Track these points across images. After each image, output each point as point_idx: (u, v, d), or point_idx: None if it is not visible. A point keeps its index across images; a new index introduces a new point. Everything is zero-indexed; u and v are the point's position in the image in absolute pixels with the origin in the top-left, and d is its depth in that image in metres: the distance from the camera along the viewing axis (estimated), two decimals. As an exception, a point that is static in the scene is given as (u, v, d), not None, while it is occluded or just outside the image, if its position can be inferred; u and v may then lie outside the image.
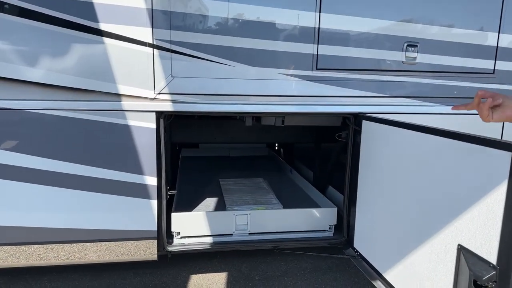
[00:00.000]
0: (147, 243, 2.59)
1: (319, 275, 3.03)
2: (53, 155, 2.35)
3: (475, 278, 1.54)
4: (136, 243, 2.58)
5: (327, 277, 3.04)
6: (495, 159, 1.46)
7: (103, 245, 2.57)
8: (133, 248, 2.60)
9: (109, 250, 2.59)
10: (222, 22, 2.41)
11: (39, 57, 2.22)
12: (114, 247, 2.59)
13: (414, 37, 2.60)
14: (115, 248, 2.58)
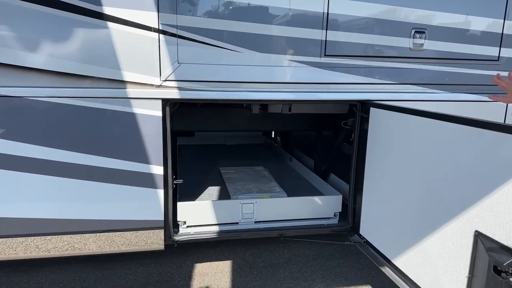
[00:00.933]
0: (150, 233, 2.55)
1: (322, 262, 3.05)
2: (56, 144, 2.27)
3: (495, 264, 1.55)
4: (136, 233, 2.54)
5: (330, 264, 3.06)
6: (517, 146, 1.47)
7: (103, 236, 2.53)
8: (133, 238, 2.56)
9: (108, 241, 2.55)
10: (230, 7, 2.35)
11: (41, 42, 2.13)
12: (114, 237, 2.55)
13: (422, 23, 2.58)
14: (114, 238, 2.54)
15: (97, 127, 2.31)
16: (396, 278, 2.29)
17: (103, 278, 2.84)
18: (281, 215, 2.80)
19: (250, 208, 2.74)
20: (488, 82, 2.78)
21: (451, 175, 1.86)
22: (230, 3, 2.34)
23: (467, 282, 1.73)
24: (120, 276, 2.87)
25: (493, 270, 1.56)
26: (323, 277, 2.88)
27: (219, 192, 3.14)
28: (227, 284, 2.81)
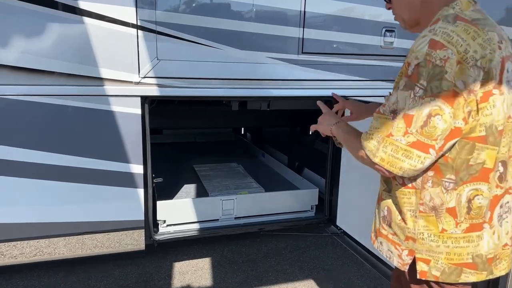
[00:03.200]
0: (131, 233, 2.51)
1: (299, 254, 3.13)
2: (28, 144, 2.17)
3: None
4: (116, 234, 2.49)
5: (307, 256, 3.15)
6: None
7: (73, 239, 2.45)
8: (113, 239, 2.50)
9: (79, 243, 2.47)
10: (209, 3, 2.35)
11: (13, 38, 2.02)
12: (84, 239, 2.47)
13: (392, 22, 2.71)
14: (85, 241, 2.46)
15: (73, 126, 2.23)
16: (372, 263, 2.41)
17: (79, 282, 2.74)
18: (260, 210, 2.84)
19: (231, 204, 2.76)
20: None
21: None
22: (210, 0, 2.34)
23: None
24: (97, 279, 2.79)
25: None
26: (301, 269, 2.96)
27: (196, 190, 3.14)
28: (208, 281, 2.81)
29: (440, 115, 1.08)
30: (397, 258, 1.29)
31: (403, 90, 1.13)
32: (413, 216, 1.23)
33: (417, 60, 1.10)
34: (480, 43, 1.09)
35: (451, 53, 1.06)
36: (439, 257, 1.21)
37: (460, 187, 1.17)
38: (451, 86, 1.07)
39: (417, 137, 1.10)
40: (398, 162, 1.13)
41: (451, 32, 1.09)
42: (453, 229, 1.19)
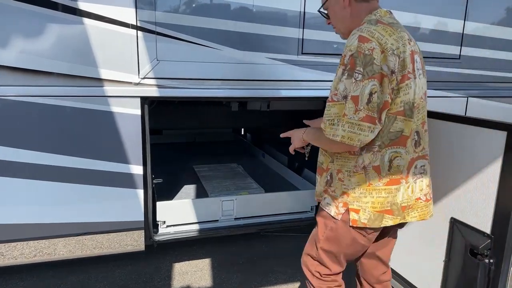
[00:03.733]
0: (130, 234, 2.50)
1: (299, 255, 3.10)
2: (30, 145, 2.16)
3: (471, 247, 1.68)
4: (116, 235, 2.48)
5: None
6: (490, 138, 1.59)
7: (72, 239, 2.44)
8: (105, 241, 2.49)
9: (79, 244, 2.47)
10: (209, 4, 2.34)
11: (12, 38, 2.02)
12: (84, 240, 2.47)
13: (391, 23, 2.71)
14: (84, 241, 2.46)
15: (73, 127, 2.22)
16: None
17: (79, 283, 2.75)
18: (260, 210, 2.83)
19: (230, 205, 2.75)
20: (449, 79, 2.98)
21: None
22: (210, 0, 2.34)
23: (443, 266, 1.86)
24: (97, 279, 2.79)
25: (469, 253, 1.69)
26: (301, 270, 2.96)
27: (196, 191, 3.12)
28: (208, 281, 2.81)
29: (376, 92, 1.38)
30: (334, 209, 1.60)
31: (347, 78, 1.41)
32: (348, 176, 1.54)
33: (351, 52, 1.41)
34: (395, 39, 1.42)
35: (375, 45, 1.38)
36: (366, 207, 1.52)
37: (383, 149, 1.49)
38: (379, 69, 1.38)
39: (365, 113, 1.39)
40: (355, 135, 1.41)
41: (373, 30, 1.42)
42: (377, 183, 1.50)
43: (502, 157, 1.55)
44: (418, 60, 1.53)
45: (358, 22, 1.54)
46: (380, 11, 1.55)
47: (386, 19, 1.51)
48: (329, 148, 1.59)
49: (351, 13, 1.57)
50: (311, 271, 1.80)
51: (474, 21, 2.92)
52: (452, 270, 1.81)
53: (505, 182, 1.55)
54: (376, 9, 1.56)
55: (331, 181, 1.62)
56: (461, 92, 2.99)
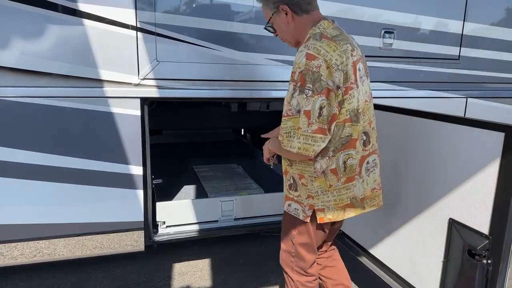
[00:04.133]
0: (130, 234, 2.51)
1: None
2: (30, 146, 2.18)
3: (469, 248, 1.68)
4: (116, 235, 2.49)
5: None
6: (488, 139, 1.60)
7: (73, 240, 2.45)
8: (105, 241, 2.50)
9: (79, 244, 2.48)
10: (208, 5, 2.35)
11: (13, 39, 2.03)
12: (84, 240, 2.48)
13: (391, 24, 2.72)
14: (85, 242, 2.47)
15: (73, 127, 2.23)
16: (373, 267, 2.41)
17: (79, 282, 2.76)
18: (260, 211, 2.84)
19: (230, 205, 2.77)
20: (448, 80, 2.99)
21: (425, 167, 1.98)
22: (210, 1, 2.34)
23: (442, 266, 1.86)
24: (96, 279, 2.80)
25: (467, 254, 1.70)
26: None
27: (196, 191, 3.14)
28: (207, 282, 2.82)
29: (325, 106, 1.53)
30: (302, 213, 1.76)
31: (299, 94, 1.55)
32: (311, 181, 1.69)
33: (300, 69, 1.53)
34: (338, 54, 1.55)
35: (321, 62, 1.51)
36: (330, 205, 1.71)
37: (337, 154, 1.66)
38: (326, 85, 1.52)
39: (317, 125, 1.54)
40: (310, 146, 1.57)
41: (319, 47, 1.53)
42: (336, 183, 1.69)
43: (499, 158, 1.56)
44: (361, 67, 1.67)
45: (303, 33, 1.68)
46: (323, 23, 1.65)
47: (330, 32, 1.62)
48: (288, 157, 1.73)
49: (295, 27, 1.69)
50: (291, 267, 1.95)
51: (474, 21, 2.93)
52: (451, 270, 1.82)
53: (502, 183, 1.55)
54: (319, 19, 1.67)
55: (295, 186, 1.77)
56: (460, 93, 3.00)
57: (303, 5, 1.66)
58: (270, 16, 1.73)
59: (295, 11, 1.66)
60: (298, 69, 1.54)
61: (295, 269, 1.94)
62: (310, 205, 1.73)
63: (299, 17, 1.67)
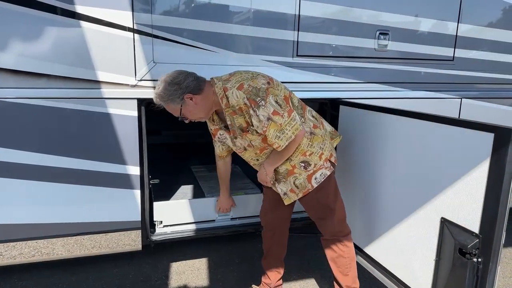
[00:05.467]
0: (128, 234, 2.53)
1: (295, 254, 3.16)
2: (28, 147, 2.20)
3: (460, 247, 1.72)
4: (113, 235, 2.51)
5: (304, 255, 3.18)
6: (478, 140, 1.63)
7: (71, 239, 2.47)
8: (103, 241, 2.52)
9: (77, 244, 2.50)
10: (205, 7, 2.37)
11: (12, 42, 2.05)
12: (82, 240, 2.50)
13: (385, 25, 2.75)
14: (83, 241, 2.49)
15: (70, 128, 2.25)
16: (368, 266, 2.44)
17: (77, 282, 2.78)
18: (256, 211, 2.86)
19: None
20: (443, 81, 3.01)
21: (416, 167, 2.01)
22: (206, 3, 2.37)
23: (434, 265, 1.89)
24: (94, 279, 2.82)
25: (458, 252, 1.73)
26: (298, 269, 3.00)
27: (193, 191, 3.14)
28: (205, 281, 2.85)
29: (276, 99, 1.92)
30: (326, 170, 2.15)
31: (259, 109, 1.88)
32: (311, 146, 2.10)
33: (244, 99, 1.89)
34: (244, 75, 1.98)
35: (247, 83, 1.91)
36: (330, 148, 2.20)
37: (305, 115, 2.12)
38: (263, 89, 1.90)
39: (285, 111, 1.93)
40: (296, 125, 1.95)
41: (234, 80, 1.95)
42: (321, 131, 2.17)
43: (489, 158, 1.59)
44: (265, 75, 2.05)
45: (210, 101, 2.00)
46: (214, 80, 2.00)
47: (222, 77, 2.02)
48: (291, 151, 2.04)
49: (202, 103, 1.98)
50: (339, 232, 2.29)
51: (468, 23, 2.96)
52: (443, 269, 1.85)
53: (492, 182, 1.58)
54: (212, 83, 2.00)
55: (307, 162, 2.11)
56: (455, 94, 3.03)
57: (198, 85, 1.95)
58: (180, 109, 1.98)
59: (196, 93, 1.95)
60: (244, 99, 1.89)
61: (340, 231, 2.30)
62: (325, 159, 2.13)
63: (201, 95, 1.96)
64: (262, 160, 2.18)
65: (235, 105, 1.93)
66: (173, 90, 1.92)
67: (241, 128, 2.02)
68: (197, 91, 1.96)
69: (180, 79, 1.93)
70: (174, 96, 1.93)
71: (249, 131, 2.00)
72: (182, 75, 1.95)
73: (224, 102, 1.97)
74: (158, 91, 1.95)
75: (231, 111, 1.98)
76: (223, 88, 1.95)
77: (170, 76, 1.95)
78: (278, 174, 2.17)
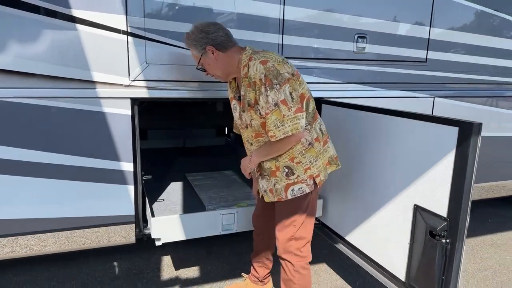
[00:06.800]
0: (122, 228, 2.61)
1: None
2: (27, 144, 2.29)
3: (431, 230, 1.91)
4: (108, 229, 2.57)
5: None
6: (445, 133, 1.82)
7: (61, 235, 2.55)
8: (99, 234, 2.58)
9: (72, 238, 2.56)
10: (194, 12, 2.51)
11: (14, 44, 2.14)
12: (77, 234, 2.56)
13: (363, 29, 2.94)
14: (78, 235, 2.55)
15: (68, 126, 2.35)
16: (349, 253, 2.61)
17: (71, 276, 2.87)
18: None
19: (231, 218, 2.62)
20: (417, 81, 3.23)
21: (393, 160, 2.20)
22: (195, 8, 2.50)
23: (408, 248, 2.08)
24: (88, 273, 2.92)
25: (429, 235, 1.92)
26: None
27: (191, 202, 2.92)
28: (195, 272, 2.97)
29: (293, 91, 1.87)
30: (306, 187, 2.05)
31: (270, 91, 1.84)
32: (302, 155, 2.02)
33: (262, 73, 1.86)
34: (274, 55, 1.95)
35: (272, 61, 1.87)
36: (320, 168, 2.07)
37: (312, 125, 2.05)
38: (286, 75, 1.86)
39: (295, 107, 1.87)
40: (297, 124, 1.88)
41: (264, 55, 1.93)
42: (320, 148, 2.08)
43: (455, 149, 1.78)
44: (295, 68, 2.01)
45: (231, 65, 2.02)
46: (248, 47, 2.03)
47: (256, 50, 2.02)
48: (282, 149, 1.98)
49: (222, 62, 2.01)
50: (290, 252, 2.15)
51: (439, 27, 3.19)
52: (416, 251, 2.04)
53: (457, 171, 1.77)
54: (242, 49, 2.03)
55: (291, 170, 2.03)
56: (428, 93, 3.25)
57: (225, 43, 1.99)
58: (200, 58, 2.02)
59: (219, 49, 1.98)
60: (261, 74, 1.86)
61: (293, 253, 2.14)
62: (309, 175, 2.04)
63: (224, 53, 2.00)
64: (253, 148, 2.13)
65: (252, 78, 1.90)
66: (199, 36, 1.97)
67: (249, 103, 1.98)
68: (221, 47, 1.97)
69: (210, 30, 1.97)
70: (198, 43, 1.98)
71: (253, 108, 1.97)
72: (214, 27, 1.99)
73: (244, 71, 1.95)
74: (187, 32, 2.02)
75: (247, 82, 1.95)
76: (249, 57, 1.94)
77: (203, 24, 2.00)
78: (263, 170, 2.13)
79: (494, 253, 3.40)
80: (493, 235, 3.75)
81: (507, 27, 3.50)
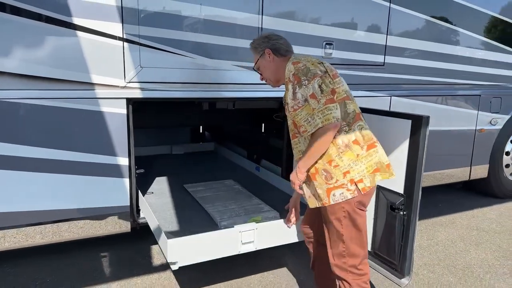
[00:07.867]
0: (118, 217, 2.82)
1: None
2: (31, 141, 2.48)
3: (391, 204, 2.31)
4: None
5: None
6: (401, 125, 2.23)
7: (48, 229, 2.72)
8: (96, 224, 2.75)
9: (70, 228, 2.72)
10: (184, 20, 2.79)
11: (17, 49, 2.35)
12: (60, 232, 2.76)
13: (331, 37, 3.33)
14: (77, 225, 2.72)
15: (69, 124, 2.56)
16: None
17: (66, 266, 3.04)
18: (283, 239, 2.51)
19: (251, 236, 2.37)
20: (376, 82, 3.67)
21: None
22: (185, 17, 2.79)
23: (373, 222, 2.48)
24: (82, 262, 3.10)
25: (389, 209, 2.32)
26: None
27: (199, 217, 2.80)
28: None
29: (322, 84, 1.89)
30: (347, 192, 1.92)
31: (299, 88, 1.89)
32: (340, 158, 1.93)
33: (291, 72, 1.95)
34: (311, 58, 2.02)
35: (305, 62, 1.95)
36: (364, 173, 1.93)
37: (351, 127, 1.96)
38: (315, 72, 1.90)
39: (325, 98, 1.86)
40: (329, 115, 1.84)
41: (296, 58, 2.03)
42: (361, 152, 1.95)
43: (409, 138, 2.20)
44: (334, 70, 2.06)
45: (281, 72, 2.09)
46: (293, 55, 2.13)
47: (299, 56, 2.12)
48: (323, 146, 1.89)
49: (275, 66, 2.13)
50: (346, 269, 2.01)
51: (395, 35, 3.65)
52: (379, 223, 2.44)
53: (411, 155, 2.19)
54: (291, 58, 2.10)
55: (329, 174, 1.93)
56: (385, 93, 3.71)
57: (282, 50, 2.13)
58: (258, 59, 2.18)
59: (276, 54, 2.12)
60: (290, 73, 1.95)
61: (349, 270, 2.00)
62: (350, 180, 1.90)
63: (278, 58, 2.12)
64: (294, 147, 2.13)
65: (285, 77, 2.03)
66: (262, 41, 2.16)
67: (285, 103, 2.09)
68: (278, 53, 2.11)
69: (272, 37, 2.16)
70: (259, 46, 2.16)
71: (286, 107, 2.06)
72: (276, 37, 2.17)
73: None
74: (254, 38, 2.24)
75: (284, 84, 2.08)
76: (291, 61, 2.03)
77: (268, 33, 2.25)
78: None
79: (444, 231, 3.93)
80: (442, 216, 4.29)
81: (454, 35, 4.04)
